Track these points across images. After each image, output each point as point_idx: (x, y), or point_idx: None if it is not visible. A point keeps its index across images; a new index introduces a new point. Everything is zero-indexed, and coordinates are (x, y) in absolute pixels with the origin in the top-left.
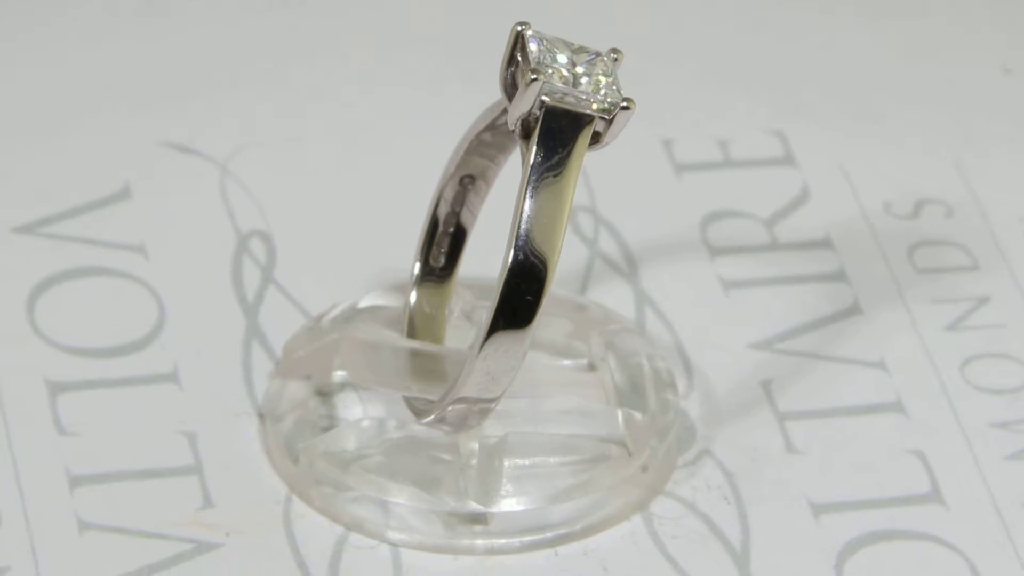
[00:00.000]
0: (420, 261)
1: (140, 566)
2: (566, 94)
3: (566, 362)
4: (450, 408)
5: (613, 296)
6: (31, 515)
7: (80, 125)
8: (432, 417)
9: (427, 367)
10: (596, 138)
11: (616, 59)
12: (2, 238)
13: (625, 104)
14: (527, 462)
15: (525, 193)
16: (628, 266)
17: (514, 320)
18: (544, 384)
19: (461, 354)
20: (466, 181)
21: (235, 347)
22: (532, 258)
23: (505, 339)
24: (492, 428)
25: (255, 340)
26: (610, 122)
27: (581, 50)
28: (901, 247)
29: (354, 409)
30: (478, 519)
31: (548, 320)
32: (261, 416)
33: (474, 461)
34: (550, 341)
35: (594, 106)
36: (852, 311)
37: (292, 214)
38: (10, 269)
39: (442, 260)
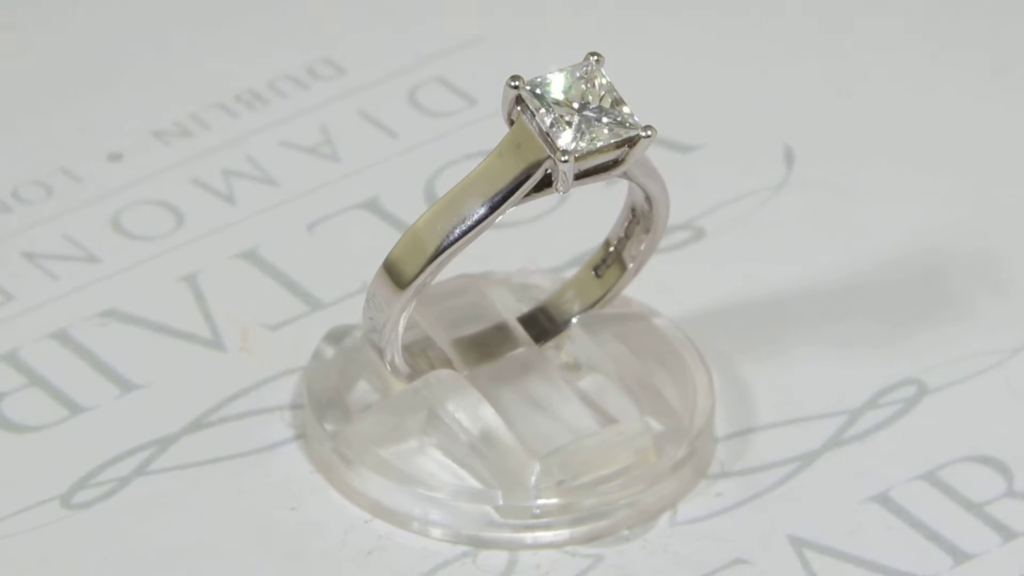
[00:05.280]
0: (587, 265)
1: (155, 322)
2: (545, 125)
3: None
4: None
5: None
6: (160, 266)
7: None
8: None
9: (486, 339)
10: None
11: (648, 136)
12: None
13: (565, 159)
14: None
15: (467, 179)
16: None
17: (393, 274)
18: (524, 408)
19: (528, 350)
20: (635, 210)
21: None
22: (429, 234)
23: (385, 290)
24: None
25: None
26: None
27: (617, 115)
28: None
29: None
30: (349, 463)
31: (636, 373)
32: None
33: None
34: (615, 380)
35: (552, 147)
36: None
37: None
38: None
39: (599, 274)
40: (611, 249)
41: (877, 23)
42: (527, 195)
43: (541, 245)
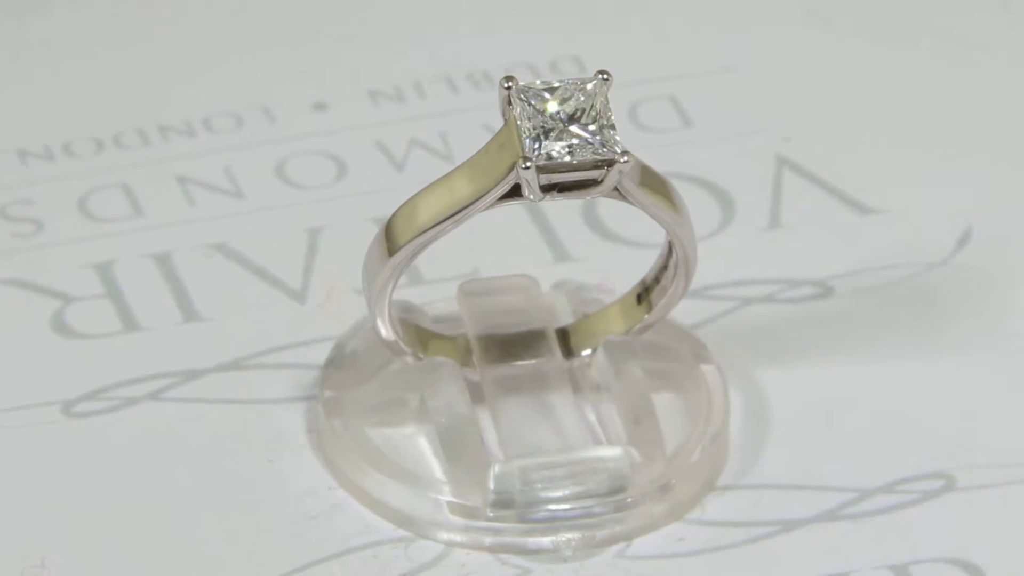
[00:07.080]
0: (629, 294)
1: (254, 264)
2: (521, 129)
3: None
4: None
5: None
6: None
7: None
8: None
9: (515, 341)
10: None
11: (626, 161)
12: None
13: (526, 165)
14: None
15: (458, 170)
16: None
17: (386, 240)
18: (518, 415)
19: (550, 361)
20: (672, 249)
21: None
22: (413, 216)
23: (374, 258)
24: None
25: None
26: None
27: (602, 136)
28: None
29: None
30: (332, 429)
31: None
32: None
33: None
34: (620, 406)
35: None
36: None
37: None
38: None
39: (640, 301)
40: (645, 287)
41: None
42: (503, 197)
43: None
